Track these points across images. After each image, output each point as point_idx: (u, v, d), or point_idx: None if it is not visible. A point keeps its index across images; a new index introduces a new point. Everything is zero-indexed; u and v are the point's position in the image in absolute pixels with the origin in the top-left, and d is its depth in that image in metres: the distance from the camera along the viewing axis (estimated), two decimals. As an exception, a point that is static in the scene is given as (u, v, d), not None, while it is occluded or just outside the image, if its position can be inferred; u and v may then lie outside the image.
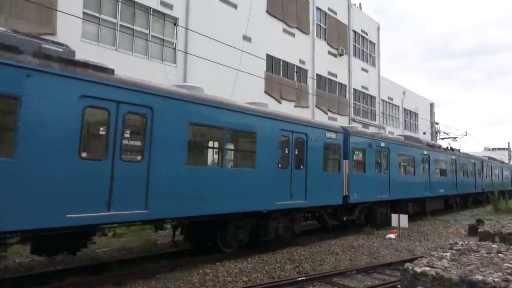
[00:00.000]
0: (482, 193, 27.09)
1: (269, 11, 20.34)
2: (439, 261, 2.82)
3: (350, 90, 27.01)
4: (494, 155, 49.30)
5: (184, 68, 15.87)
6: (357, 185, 12.68)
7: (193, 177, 7.74)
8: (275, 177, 9.69)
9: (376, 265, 8.61)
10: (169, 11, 15.50)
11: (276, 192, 9.67)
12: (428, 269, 2.59)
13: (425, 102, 40.93)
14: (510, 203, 22.91)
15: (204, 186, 7.95)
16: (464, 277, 2.44)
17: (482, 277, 2.40)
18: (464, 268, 2.63)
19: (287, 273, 7.87)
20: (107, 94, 6.40)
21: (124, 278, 7.09)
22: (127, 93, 6.69)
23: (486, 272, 2.54)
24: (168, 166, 7.24)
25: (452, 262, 2.79)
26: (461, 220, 18.14)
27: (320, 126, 11.67)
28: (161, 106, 7.19)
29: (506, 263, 2.80)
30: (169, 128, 7.32)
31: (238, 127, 8.92)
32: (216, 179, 8.26)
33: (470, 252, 3.15)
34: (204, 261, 8.45)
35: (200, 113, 8.00)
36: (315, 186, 10.89)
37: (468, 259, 2.89)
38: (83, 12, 12.88)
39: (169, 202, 7.25)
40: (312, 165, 10.88)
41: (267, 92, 19.79)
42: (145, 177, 6.84)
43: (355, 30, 28.24)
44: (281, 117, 10.20)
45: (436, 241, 12.18)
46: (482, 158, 28.97)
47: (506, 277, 2.40)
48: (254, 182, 9.11)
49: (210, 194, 8.07)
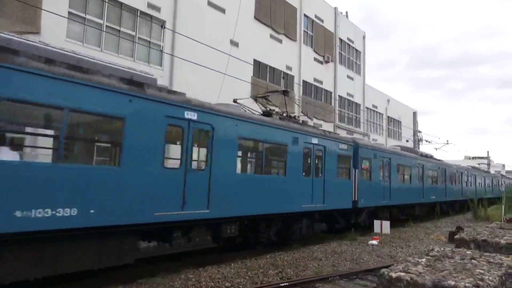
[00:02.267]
0: (466, 201, 27.94)
1: (257, 16, 20.49)
2: (414, 266, 2.89)
3: (335, 97, 27.36)
4: (474, 163, 50.62)
5: (170, 71, 15.81)
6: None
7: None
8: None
9: (358, 271, 8.73)
10: (156, 13, 15.44)
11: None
12: (403, 275, 2.66)
13: (408, 110, 41.77)
14: (488, 211, 23.49)
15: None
16: (437, 282, 2.51)
17: (454, 282, 2.48)
18: (438, 273, 2.70)
19: (270, 279, 7.88)
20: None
21: (104, 282, 6.97)
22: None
23: (459, 277, 2.62)
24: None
25: (427, 268, 2.87)
26: (442, 227, 18.50)
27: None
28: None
29: (478, 269, 2.89)
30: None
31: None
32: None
33: (445, 258, 3.24)
34: (187, 266, 8.39)
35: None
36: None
37: (442, 265, 2.97)
38: (69, 11, 12.71)
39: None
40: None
41: (253, 97, 19.85)
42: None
43: (341, 38, 28.70)
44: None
45: (417, 247, 12.40)
46: (467, 168, 30.63)
47: (477, 283, 2.48)
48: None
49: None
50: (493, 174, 43.52)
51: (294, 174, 10.95)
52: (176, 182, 7.52)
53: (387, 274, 2.68)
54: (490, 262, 3.18)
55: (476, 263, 3.13)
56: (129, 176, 6.70)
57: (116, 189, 6.52)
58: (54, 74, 5.80)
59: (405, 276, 2.64)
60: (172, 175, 7.49)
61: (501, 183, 45.65)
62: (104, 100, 6.41)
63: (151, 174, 7.05)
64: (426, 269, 2.84)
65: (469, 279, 2.58)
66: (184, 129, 7.82)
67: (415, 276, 2.65)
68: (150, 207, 7.02)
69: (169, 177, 7.40)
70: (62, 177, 5.82)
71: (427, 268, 2.87)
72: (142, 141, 6.95)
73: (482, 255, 3.49)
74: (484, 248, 4.28)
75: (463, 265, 3.01)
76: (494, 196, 37.05)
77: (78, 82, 6.09)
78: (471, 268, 2.94)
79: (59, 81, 5.84)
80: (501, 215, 19.42)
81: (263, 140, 9.93)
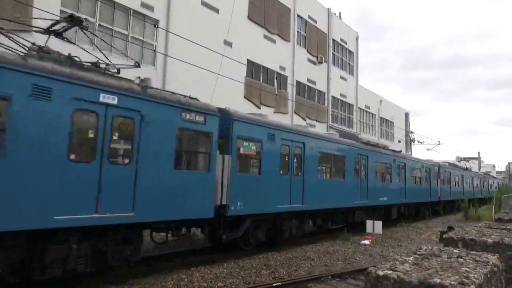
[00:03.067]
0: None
1: (250, 17, 20.52)
2: (401, 265, 2.94)
3: (328, 98, 27.50)
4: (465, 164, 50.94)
5: (163, 71, 15.77)
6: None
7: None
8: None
9: (351, 271, 8.79)
10: (149, 12, 15.40)
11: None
12: (390, 273, 2.71)
13: (400, 111, 42.13)
14: (479, 211, 23.80)
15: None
16: (423, 280, 2.56)
17: (440, 280, 2.53)
18: (424, 271, 2.76)
19: (263, 279, 7.91)
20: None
21: (96, 283, 6.94)
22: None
23: (445, 275, 2.67)
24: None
25: (414, 266, 2.92)
26: (433, 227, 18.71)
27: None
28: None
29: (464, 267, 2.95)
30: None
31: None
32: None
33: (432, 257, 3.30)
34: (179, 267, 8.38)
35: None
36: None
37: (429, 263, 3.03)
38: (61, 10, 12.62)
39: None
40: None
41: (246, 97, 19.90)
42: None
43: (334, 39, 28.85)
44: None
45: (408, 247, 12.53)
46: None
47: (462, 280, 2.54)
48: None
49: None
50: (476, 173, 38.43)
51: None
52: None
53: (374, 272, 2.73)
54: (476, 261, 3.24)
55: (463, 262, 3.19)
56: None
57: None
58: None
59: (392, 274, 2.68)
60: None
61: (486, 183, 41.61)
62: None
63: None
64: (413, 267, 2.89)
65: (455, 277, 2.63)
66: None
67: (402, 274, 2.70)
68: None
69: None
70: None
71: (414, 266, 2.92)
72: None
73: (469, 253, 3.55)
74: (471, 247, 4.35)
75: (449, 264, 3.07)
76: (475, 197, 31.81)
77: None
78: (457, 266, 3.00)
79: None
80: (491, 215, 19.68)
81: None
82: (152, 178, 7.21)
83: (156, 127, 7.33)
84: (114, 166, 6.70)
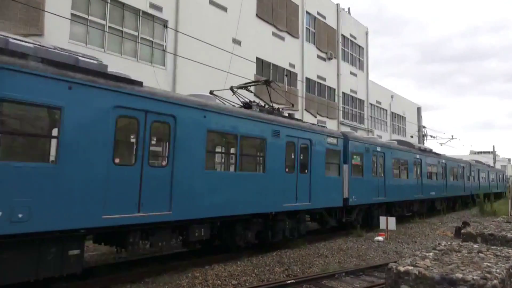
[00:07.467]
0: (468, 196, 27.60)
1: (259, 14, 20.47)
2: (422, 260, 2.90)
3: (339, 94, 27.30)
4: (480, 158, 50.24)
5: (173, 71, 15.85)
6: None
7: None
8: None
9: (365, 267, 8.71)
10: (158, 13, 15.48)
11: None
12: (411, 268, 2.66)
13: (412, 106, 41.59)
14: (494, 206, 23.36)
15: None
16: (445, 275, 2.51)
17: (462, 275, 2.48)
18: (446, 267, 2.70)
19: (277, 276, 7.89)
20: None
21: (112, 282, 7.02)
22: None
23: (466, 270, 2.62)
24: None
25: (435, 262, 2.87)
26: (447, 223, 18.42)
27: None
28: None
29: (486, 262, 2.89)
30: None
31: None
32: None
33: (452, 252, 3.24)
34: (193, 265, 8.43)
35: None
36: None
37: (450, 259, 2.97)
38: (71, 13, 12.78)
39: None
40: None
41: (256, 95, 19.85)
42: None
43: (343, 35, 28.60)
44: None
45: (423, 243, 12.36)
46: (470, 162, 29.43)
47: (485, 275, 2.48)
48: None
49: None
50: (498, 169, 43.07)
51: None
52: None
53: (395, 268, 2.69)
54: (497, 255, 3.17)
55: (484, 257, 3.12)
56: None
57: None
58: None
59: (413, 270, 2.64)
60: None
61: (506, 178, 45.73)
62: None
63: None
64: (434, 263, 2.84)
65: (477, 272, 2.58)
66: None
67: (423, 269, 2.65)
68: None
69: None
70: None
71: (435, 261, 2.87)
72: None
73: (489, 248, 3.48)
74: (491, 242, 4.26)
75: (470, 259, 3.01)
76: (499, 191, 37.00)
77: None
78: (479, 261, 2.93)
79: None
80: (507, 209, 19.30)
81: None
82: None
83: (319, 149, 11.86)
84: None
